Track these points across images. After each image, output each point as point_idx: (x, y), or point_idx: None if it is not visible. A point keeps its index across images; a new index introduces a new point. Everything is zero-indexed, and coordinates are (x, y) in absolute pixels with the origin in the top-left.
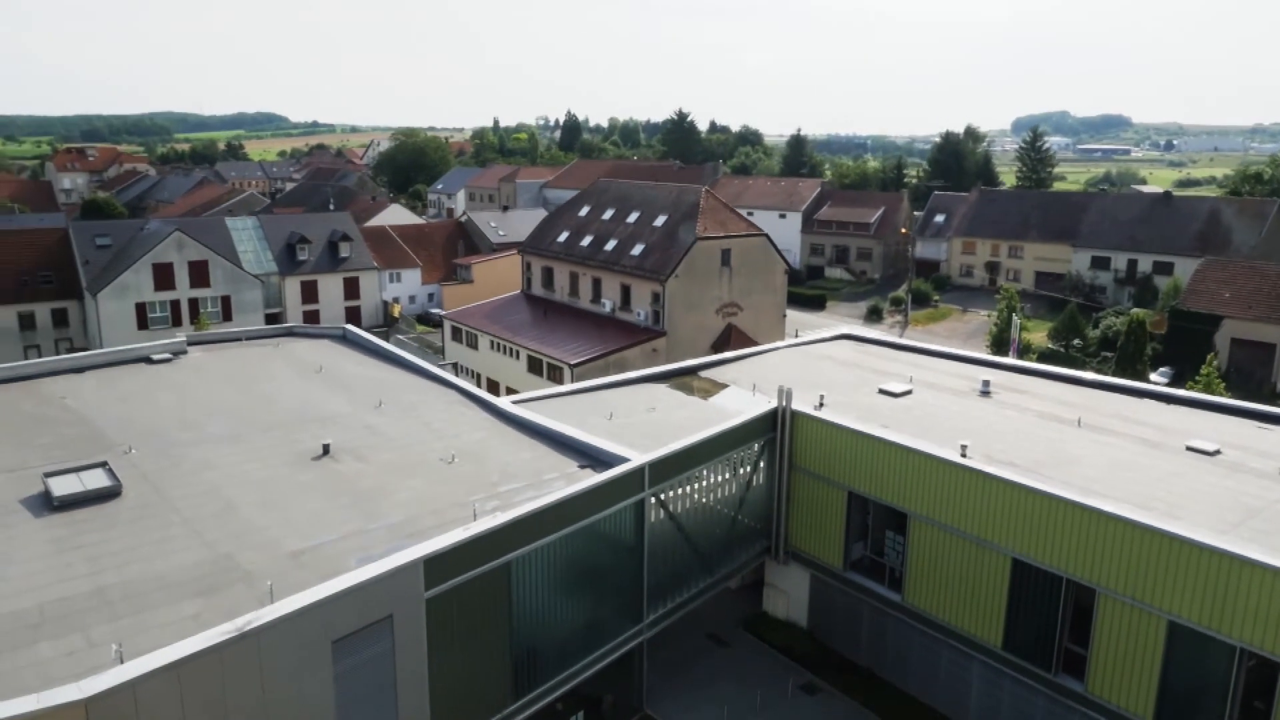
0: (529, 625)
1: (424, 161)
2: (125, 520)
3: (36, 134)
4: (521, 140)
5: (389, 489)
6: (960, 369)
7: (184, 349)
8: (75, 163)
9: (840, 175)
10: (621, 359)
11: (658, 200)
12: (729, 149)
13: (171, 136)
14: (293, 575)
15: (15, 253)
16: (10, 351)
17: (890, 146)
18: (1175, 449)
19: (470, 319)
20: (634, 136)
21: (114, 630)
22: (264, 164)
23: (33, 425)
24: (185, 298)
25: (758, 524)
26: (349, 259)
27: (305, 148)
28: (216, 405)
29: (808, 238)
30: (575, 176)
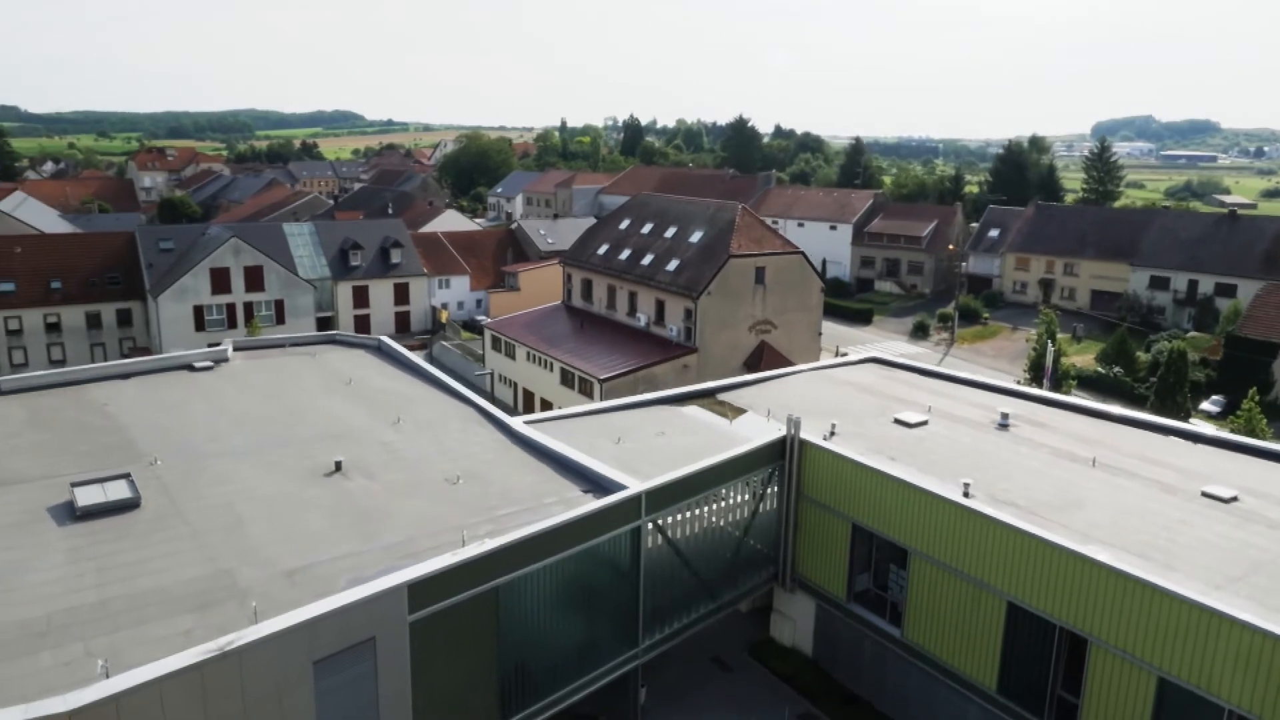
0: (518, 648)
1: (486, 164)
2: (139, 532)
3: (127, 130)
4: (584, 144)
5: (391, 509)
6: (984, 399)
7: (226, 357)
8: (155, 162)
9: (898, 185)
10: (651, 375)
11: (695, 216)
12: (789, 155)
13: (253, 134)
14: (284, 594)
15: (85, 256)
16: (77, 349)
17: (962, 151)
18: (1189, 494)
19: (509, 329)
20: (697, 140)
21: (111, 642)
22: (335, 164)
23: (73, 433)
24: (241, 301)
25: (765, 551)
26: (400, 265)
27: (378, 146)
28: (244, 417)
29: (858, 250)
30: (630, 183)
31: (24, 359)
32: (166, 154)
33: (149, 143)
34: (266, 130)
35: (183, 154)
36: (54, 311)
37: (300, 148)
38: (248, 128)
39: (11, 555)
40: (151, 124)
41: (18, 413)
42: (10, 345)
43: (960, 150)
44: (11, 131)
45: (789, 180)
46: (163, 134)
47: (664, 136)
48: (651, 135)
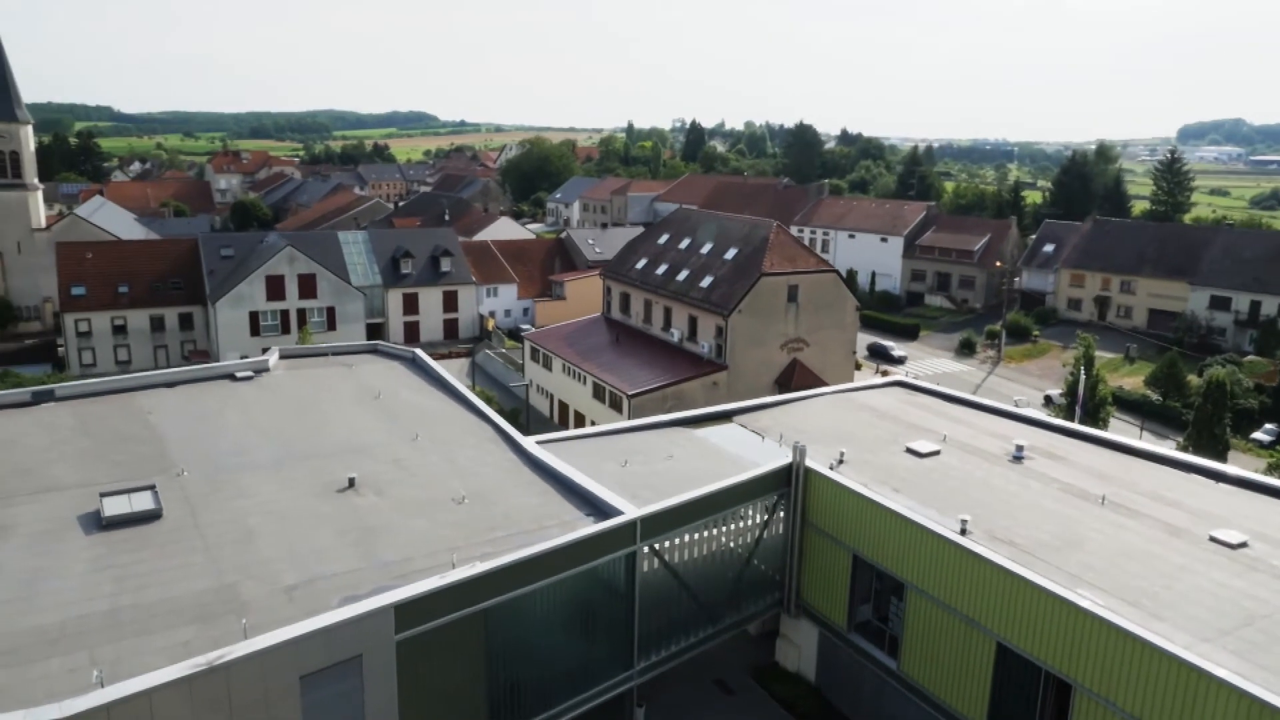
0: (509, 667)
1: (548, 169)
2: (156, 543)
3: (212, 130)
4: (645, 149)
5: (394, 527)
6: (1006, 428)
7: (267, 367)
8: (230, 165)
9: (957, 195)
10: (680, 392)
11: (731, 232)
12: (850, 162)
13: (329, 134)
14: (281, 610)
15: (151, 261)
16: (141, 351)
17: (1038, 155)
18: (1196, 537)
19: (547, 340)
20: (760, 145)
21: (115, 651)
22: (403, 166)
23: (113, 441)
24: (294, 308)
25: (770, 576)
26: (449, 273)
27: (449, 147)
28: (272, 429)
29: (909, 263)
30: (684, 191)
31: (92, 359)
32: (241, 157)
33: (231, 143)
34: (343, 131)
35: (256, 157)
36: (121, 315)
37: (372, 149)
38: (325, 128)
39: (39, 562)
40: (235, 124)
41: (67, 420)
42: (80, 346)
43: (1036, 154)
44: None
45: (847, 188)
46: (245, 134)
47: (730, 139)
48: (719, 137)
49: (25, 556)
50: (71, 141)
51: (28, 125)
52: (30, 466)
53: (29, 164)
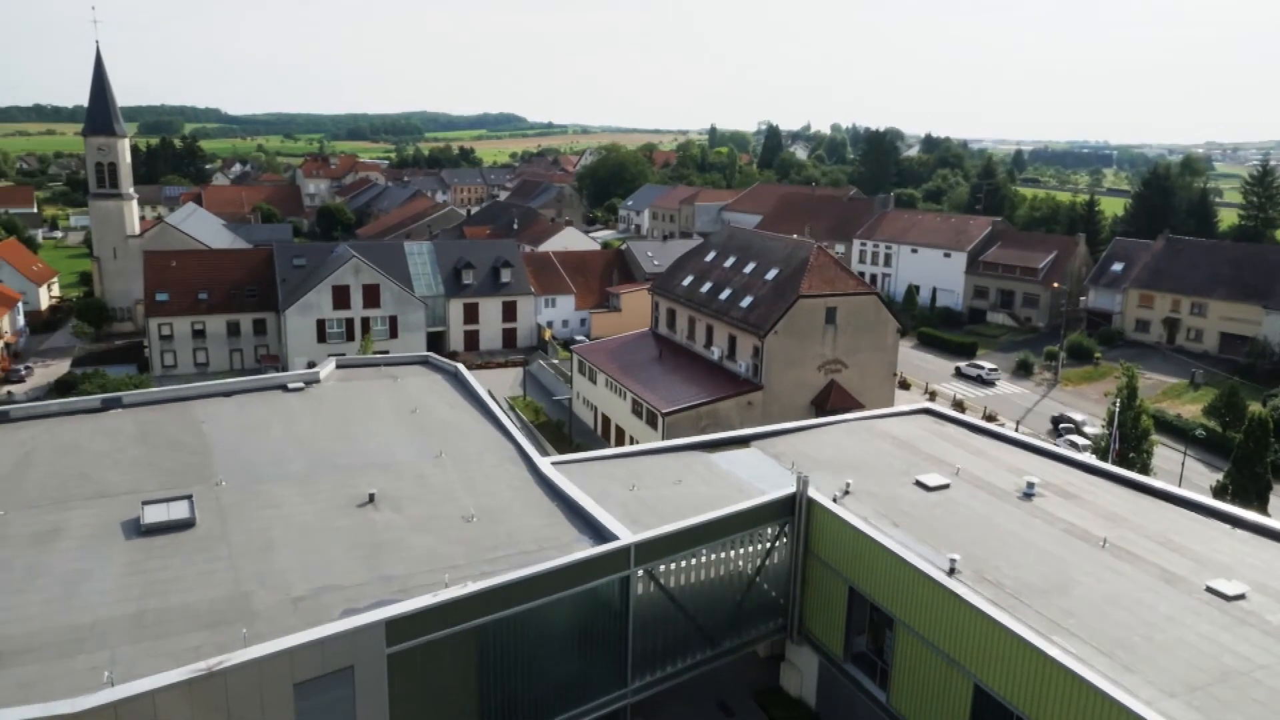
0: (501, 683)
1: (623, 175)
2: (186, 551)
3: (311, 131)
4: (721, 155)
5: (404, 543)
6: (1026, 461)
7: (317, 378)
8: (319, 170)
9: (1031, 208)
10: (714, 411)
11: (773, 253)
12: (928, 170)
13: (421, 135)
14: (285, 619)
15: (229, 269)
16: (218, 354)
17: (1139, 160)
18: (1192, 586)
19: (592, 354)
20: (840, 151)
21: (133, 652)
22: (485, 171)
23: (165, 450)
24: (359, 316)
25: (774, 601)
26: (509, 284)
27: (535, 149)
28: (310, 441)
29: (972, 279)
30: (752, 201)
31: (173, 361)
32: (330, 162)
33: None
34: (435, 132)
35: (344, 162)
36: (200, 320)
37: (458, 153)
38: (418, 130)
39: (82, 565)
40: (333, 125)
41: (129, 427)
42: (162, 349)
43: (1136, 159)
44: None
45: (921, 198)
46: (342, 135)
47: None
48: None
49: (71, 559)
50: (177, 144)
51: (125, 139)
52: (88, 471)
53: (125, 175)
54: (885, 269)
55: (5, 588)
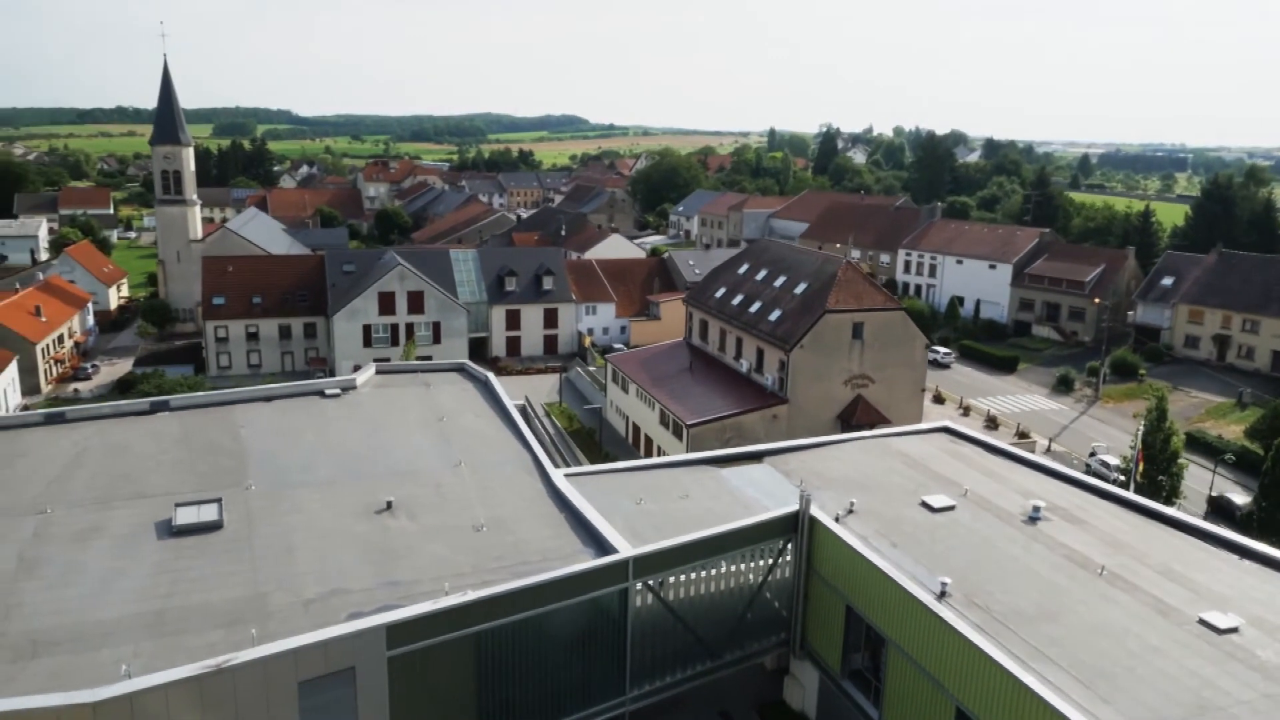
0: (499, 687)
1: (676, 180)
2: (212, 552)
3: (378, 133)
4: (776, 160)
5: (415, 550)
6: (1039, 484)
7: (354, 385)
8: (379, 174)
9: (1085, 219)
10: (739, 423)
11: (803, 267)
12: (985, 177)
13: (484, 137)
14: (296, 620)
15: (282, 275)
16: (270, 356)
17: (1215, 163)
18: (1184, 618)
19: (626, 363)
20: (897, 155)
21: (154, 647)
22: (541, 174)
23: (204, 453)
24: (403, 322)
25: (778, 616)
26: (551, 291)
27: (595, 151)
28: (338, 448)
29: (1017, 291)
30: (801, 208)
31: (228, 363)
32: (389, 167)
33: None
34: (497, 134)
35: (403, 167)
36: (254, 323)
37: (517, 155)
38: (480, 132)
39: (116, 563)
40: (399, 127)
41: (174, 429)
42: (218, 351)
43: (1213, 163)
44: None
45: (975, 206)
46: (407, 136)
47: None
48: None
49: (107, 557)
50: (247, 146)
51: (189, 148)
52: (131, 472)
53: (189, 182)
54: (930, 280)
55: (45, 583)
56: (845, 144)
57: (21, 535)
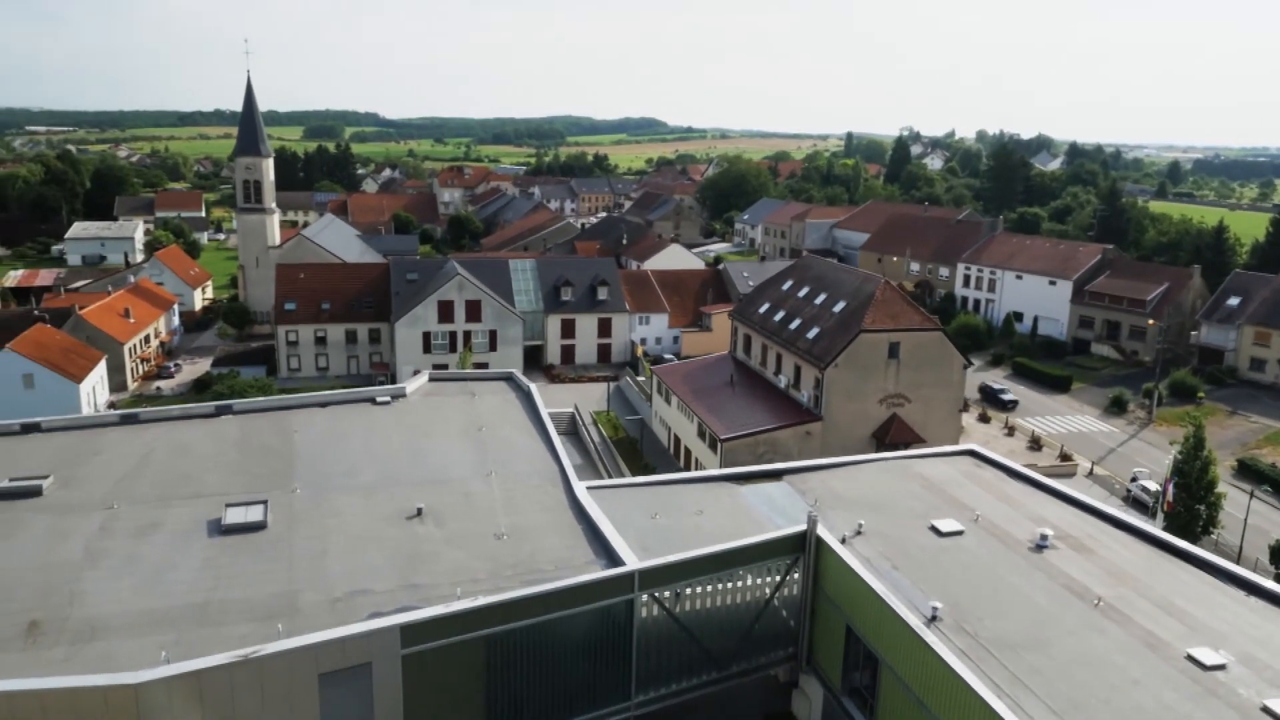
0: (508, 686)
1: (744, 188)
2: (254, 550)
3: (461, 135)
4: (847, 167)
5: (438, 555)
6: (1055, 513)
7: (404, 393)
8: (454, 180)
9: (1159, 233)
10: (773, 439)
11: (843, 285)
12: (1059, 186)
13: (563, 140)
14: (322, 617)
15: (350, 282)
16: (337, 360)
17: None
18: (1173, 653)
19: (670, 375)
20: (973, 162)
21: (195, 635)
22: (612, 180)
23: (258, 456)
24: (461, 330)
25: (786, 631)
26: (606, 301)
27: (672, 154)
28: (381, 455)
29: (1077, 309)
30: (864, 219)
31: (298, 365)
32: (464, 173)
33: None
34: (576, 137)
35: (477, 173)
36: (322, 328)
37: (592, 160)
38: (560, 134)
39: (169, 557)
40: (481, 129)
41: (233, 432)
42: (288, 354)
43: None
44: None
45: (1047, 217)
46: (489, 139)
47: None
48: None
49: (162, 551)
50: (332, 149)
51: (269, 159)
52: (191, 473)
53: (269, 191)
54: (989, 294)
55: (106, 573)
56: (924, 149)
57: (89, 529)
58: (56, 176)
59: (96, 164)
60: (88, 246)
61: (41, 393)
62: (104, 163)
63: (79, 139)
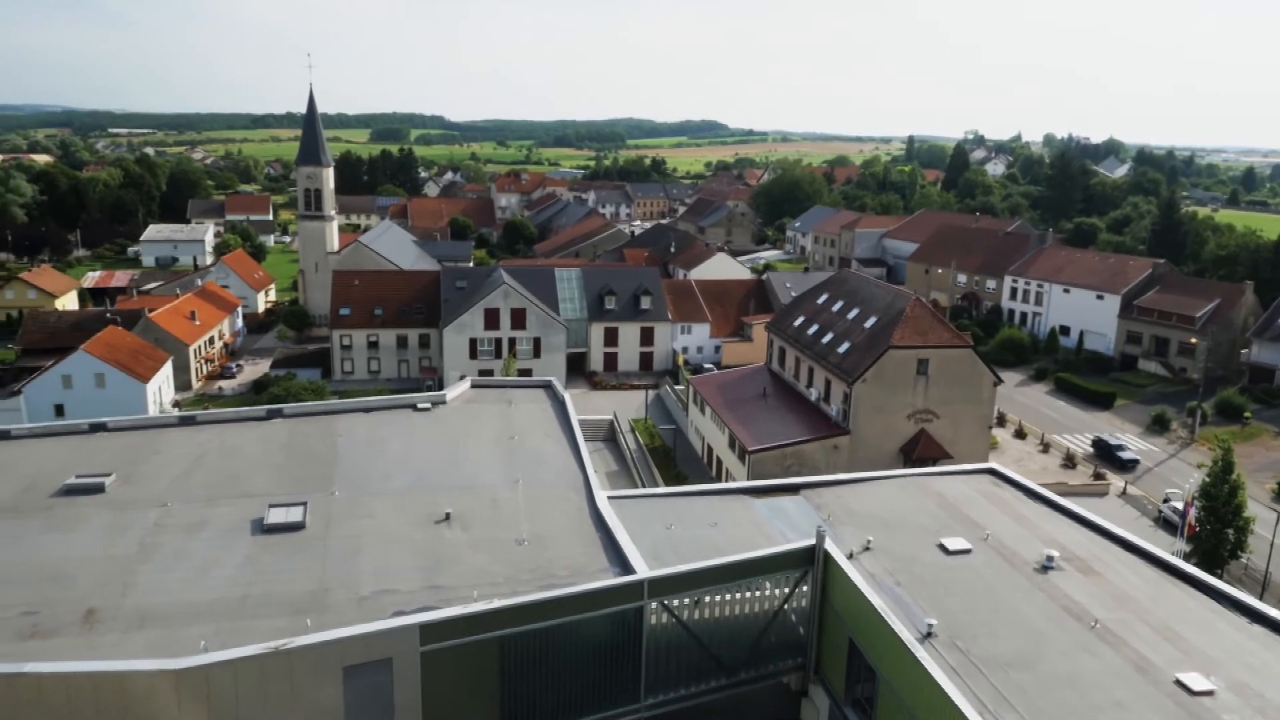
0: (522, 684)
1: (797, 195)
2: (292, 550)
3: (523, 138)
4: (903, 174)
5: (461, 559)
6: (1066, 533)
7: (444, 400)
8: (511, 185)
9: (1218, 246)
10: (800, 452)
11: (876, 301)
12: (1121, 195)
13: (623, 143)
14: (349, 614)
15: (402, 289)
16: (388, 363)
17: None
18: (1162, 678)
19: (705, 386)
20: (1035, 169)
21: (232, 627)
22: (666, 186)
23: (303, 459)
24: (506, 337)
25: (796, 641)
26: (648, 310)
27: (732, 158)
28: (416, 460)
29: (1125, 324)
30: (915, 228)
31: (351, 368)
32: (521, 178)
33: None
34: (637, 139)
35: (534, 178)
36: (374, 333)
37: (649, 164)
38: (620, 137)
39: (215, 553)
40: (543, 132)
41: (282, 435)
42: (342, 357)
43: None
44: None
45: (1105, 227)
46: (550, 142)
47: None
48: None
49: (208, 548)
50: (396, 152)
51: (329, 168)
52: (240, 474)
53: (329, 199)
54: (1036, 308)
55: (157, 567)
56: (988, 153)
57: (145, 524)
58: (134, 180)
59: (172, 167)
60: (161, 249)
61: (112, 391)
62: (179, 166)
63: (157, 141)
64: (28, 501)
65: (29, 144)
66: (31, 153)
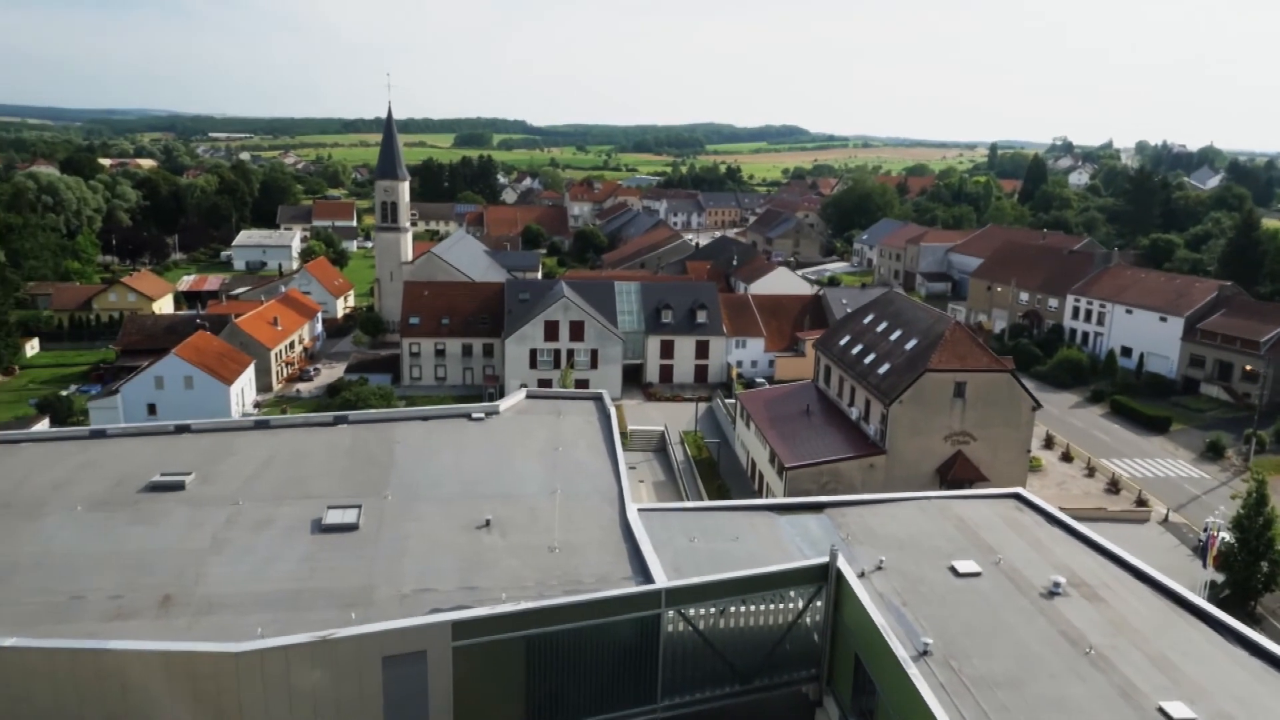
0: (546, 681)
1: (867, 206)
2: (345, 549)
3: (603, 143)
4: (978, 185)
5: (497, 563)
6: (1080, 560)
7: (496, 410)
8: (584, 194)
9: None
10: (836, 470)
11: (918, 323)
12: (1203, 210)
13: (702, 148)
14: (391, 609)
15: (468, 300)
16: (454, 371)
17: None
18: (1145, 705)
19: (751, 401)
20: (1116, 182)
21: (288, 617)
22: (739, 195)
23: (362, 463)
24: (565, 348)
25: (810, 652)
26: (704, 324)
27: (810, 164)
28: (466, 468)
29: (1188, 347)
30: (981, 243)
31: (419, 375)
32: (594, 187)
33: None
34: (717, 145)
35: (606, 187)
36: (441, 342)
37: (725, 172)
38: (699, 143)
39: (277, 549)
40: (623, 137)
41: (346, 441)
42: (411, 364)
43: None
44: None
45: (1183, 245)
46: (630, 147)
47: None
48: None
49: (271, 544)
50: (475, 160)
51: (405, 182)
52: (304, 476)
53: (404, 212)
54: (1098, 328)
55: (226, 559)
56: (1074, 161)
57: (218, 521)
58: (229, 186)
59: (265, 174)
60: (251, 253)
61: (198, 392)
62: (271, 172)
63: (254, 145)
64: (118, 496)
65: (135, 149)
66: (138, 157)
